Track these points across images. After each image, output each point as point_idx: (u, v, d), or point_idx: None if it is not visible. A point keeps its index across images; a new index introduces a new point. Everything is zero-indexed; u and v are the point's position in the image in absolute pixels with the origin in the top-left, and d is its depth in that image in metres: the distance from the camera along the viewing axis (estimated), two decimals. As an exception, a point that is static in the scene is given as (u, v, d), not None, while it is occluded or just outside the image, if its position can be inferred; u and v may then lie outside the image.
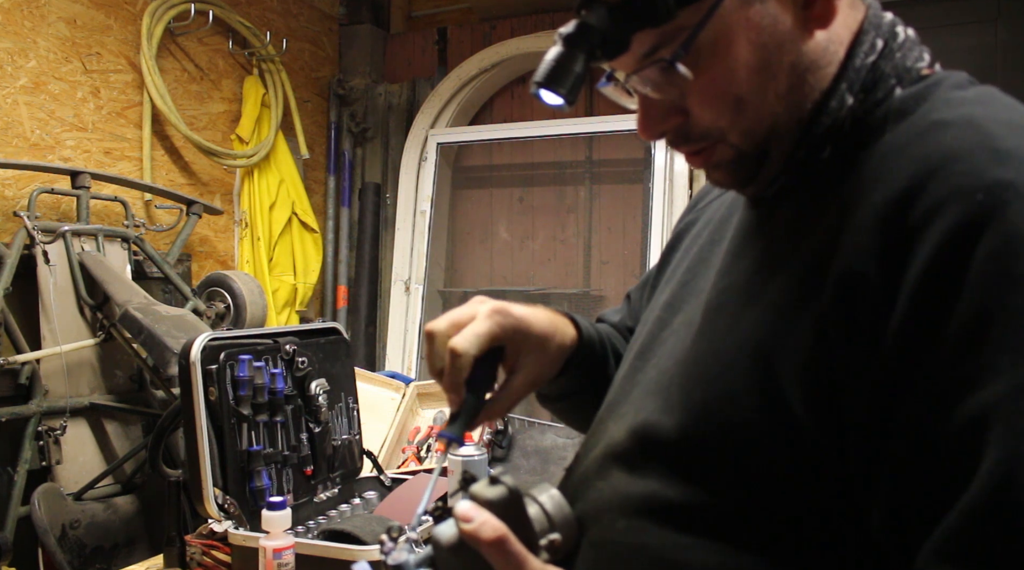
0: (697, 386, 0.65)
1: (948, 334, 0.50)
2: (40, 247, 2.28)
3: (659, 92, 0.64)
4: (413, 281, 3.57)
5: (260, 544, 1.20)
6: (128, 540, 2.30)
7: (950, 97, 0.61)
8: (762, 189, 0.68)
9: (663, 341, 0.74)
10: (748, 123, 0.63)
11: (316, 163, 3.75)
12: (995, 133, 0.54)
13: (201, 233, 3.16)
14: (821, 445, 0.56)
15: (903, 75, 0.63)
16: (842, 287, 0.55)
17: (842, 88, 0.63)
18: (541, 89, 0.65)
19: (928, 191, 0.53)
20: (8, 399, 2.21)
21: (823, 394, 0.55)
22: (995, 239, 0.49)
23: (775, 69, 0.62)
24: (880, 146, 0.60)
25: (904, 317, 0.51)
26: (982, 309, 0.49)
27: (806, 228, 0.62)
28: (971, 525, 0.47)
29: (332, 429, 1.60)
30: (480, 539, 0.55)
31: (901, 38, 0.65)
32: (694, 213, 0.88)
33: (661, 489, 0.64)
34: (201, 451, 1.34)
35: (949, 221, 0.51)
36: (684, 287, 0.77)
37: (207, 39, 3.16)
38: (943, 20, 2.96)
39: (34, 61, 2.52)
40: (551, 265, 3.57)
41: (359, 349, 3.66)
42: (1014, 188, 0.50)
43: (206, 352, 1.36)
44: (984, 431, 0.48)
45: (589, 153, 3.48)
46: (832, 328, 0.55)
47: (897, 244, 0.53)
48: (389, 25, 3.97)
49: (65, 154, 2.62)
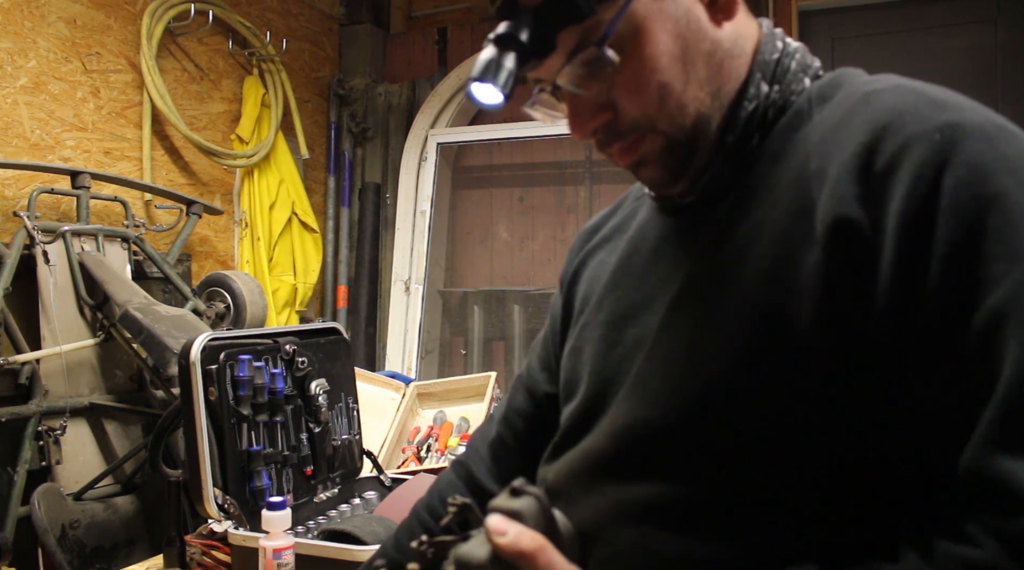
0: (686, 376, 0.64)
1: (939, 257, 0.54)
2: (40, 247, 2.28)
3: (587, 88, 0.67)
4: (413, 281, 3.57)
5: (260, 544, 1.20)
6: (128, 540, 2.30)
7: (863, 79, 0.68)
8: (691, 184, 0.70)
9: (620, 357, 0.73)
10: (673, 109, 0.66)
11: (316, 163, 3.75)
12: (925, 90, 0.62)
13: (201, 233, 3.16)
14: (846, 392, 0.57)
15: (807, 70, 0.70)
16: (834, 233, 0.58)
17: (757, 77, 0.68)
18: (475, 84, 0.67)
19: (888, 140, 0.58)
20: (8, 399, 2.21)
21: (840, 341, 0.57)
22: (959, 169, 0.55)
23: (694, 56, 0.66)
24: (814, 124, 0.65)
25: (896, 251, 0.56)
26: (966, 229, 0.54)
27: (759, 207, 0.65)
28: (1010, 412, 0.50)
29: (332, 429, 1.60)
30: (520, 551, 0.51)
31: (793, 45, 0.72)
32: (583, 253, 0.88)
33: (662, 490, 0.63)
34: (201, 451, 1.34)
35: (915, 160, 0.56)
36: (619, 302, 0.76)
37: (207, 39, 3.16)
38: (943, 20, 2.97)
39: (34, 61, 2.52)
40: (551, 265, 3.57)
41: (359, 349, 3.66)
42: (961, 127, 0.57)
43: (206, 352, 1.36)
44: (1000, 332, 0.52)
45: (589, 153, 3.48)
46: (835, 274, 0.58)
47: (872, 189, 0.58)
48: (389, 25, 3.97)
49: (65, 154, 2.62)
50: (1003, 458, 0.50)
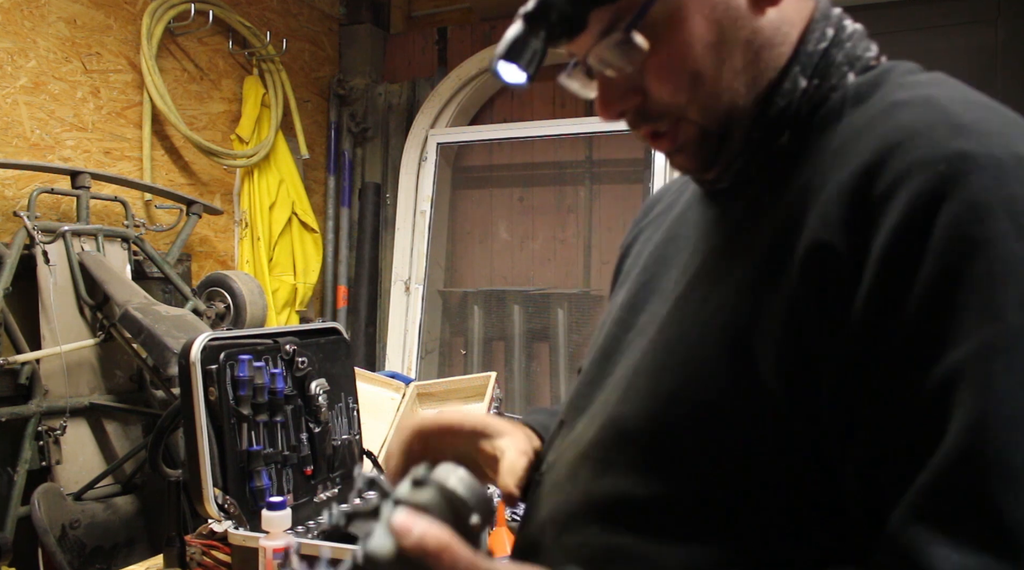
0: (665, 373, 0.64)
1: (913, 300, 0.51)
2: (40, 247, 2.28)
3: (617, 71, 0.64)
4: (413, 281, 3.57)
5: (260, 544, 1.20)
6: (128, 540, 2.30)
7: (904, 81, 0.63)
8: (723, 172, 0.68)
9: (629, 340, 0.73)
10: (706, 99, 0.64)
11: (316, 163, 3.75)
12: (952, 109, 0.56)
13: (201, 233, 3.16)
14: (796, 421, 0.56)
15: (854, 62, 0.65)
16: (810, 259, 0.56)
17: (795, 71, 0.64)
18: (500, 62, 0.65)
19: (891, 164, 0.54)
20: (8, 399, 2.21)
21: (797, 366, 0.56)
22: (957, 206, 0.50)
23: (731, 44, 0.63)
24: (839, 129, 0.61)
25: (871, 285, 0.52)
26: (946, 274, 0.50)
27: (770, 210, 0.63)
28: (943, 483, 0.48)
29: (332, 429, 1.60)
30: (425, 551, 0.49)
31: (850, 30, 0.66)
32: (642, 224, 0.88)
33: (629, 487, 0.63)
34: (201, 451, 1.34)
35: (912, 190, 0.52)
36: (643, 287, 0.76)
37: (207, 39, 3.15)
38: (943, 20, 2.96)
39: (34, 61, 2.52)
40: (551, 265, 3.57)
41: (359, 349, 3.66)
42: (974, 159, 0.51)
43: (206, 352, 1.36)
44: (953, 392, 0.48)
45: (589, 153, 3.48)
46: (802, 301, 0.56)
47: (862, 215, 0.54)
48: (389, 25, 3.97)
49: (65, 154, 2.62)
50: (919, 531, 0.48)
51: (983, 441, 0.47)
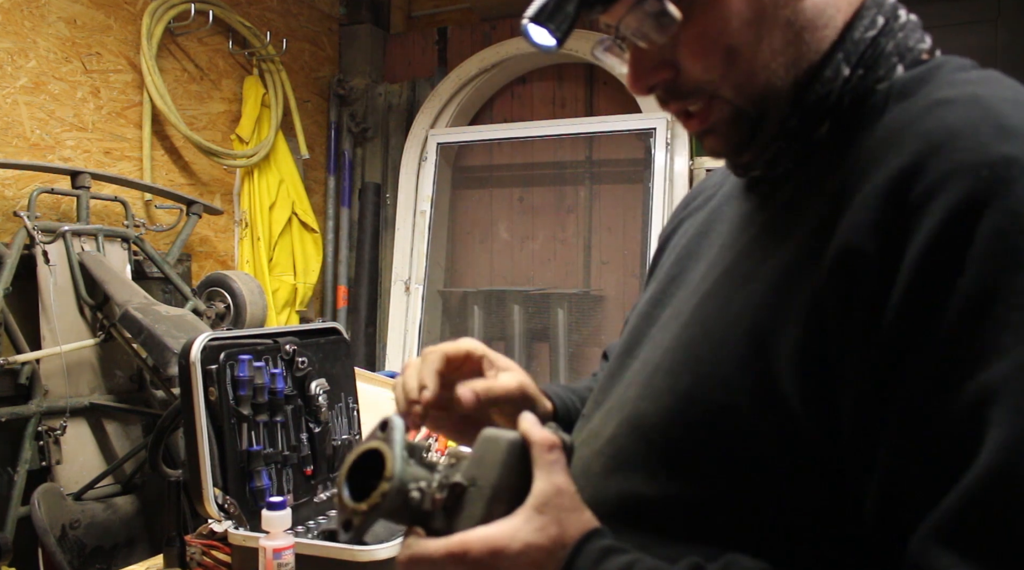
0: (685, 371, 0.63)
1: (950, 312, 0.48)
2: (40, 247, 2.28)
3: (649, 42, 0.62)
4: (413, 281, 3.57)
5: (260, 544, 1.20)
6: (128, 540, 2.30)
7: (953, 78, 0.60)
8: (756, 158, 0.66)
9: (651, 336, 0.72)
10: (741, 77, 0.61)
11: (316, 163, 3.75)
12: (1000, 110, 0.53)
13: (201, 233, 3.16)
14: (812, 428, 0.55)
15: (905, 54, 0.62)
16: (839, 263, 0.53)
17: (838, 58, 0.61)
18: (531, 24, 0.63)
19: (931, 167, 0.51)
20: (8, 399, 2.21)
21: (817, 374, 0.54)
22: (1000, 215, 0.48)
23: (770, 22, 0.60)
24: (881, 126, 0.59)
25: (904, 293, 0.50)
26: (985, 287, 0.47)
27: (804, 208, 0.60)
28: (972, 507, 0.46)
29: (332, 429, 1.60)
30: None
31: (903, 19, 0.64)
32: (681, 216, 0.86)
33: (638, 485, 0.63)
34: (201, 451, 1.34)
35: (953, 197, 0.49)
36: (672, 281, 0.75)
37: (207, 39, 3.15)
38: (943, 20, 2.96)
39: (34, 61, 2.52)
40: (551, 265, 3.57)
41: (359, 349, 3.66)
42: (1019, 165, 0.49)
43: (206, 352, 1.36)
44: (987, 411, 0.46)
45: (589, 153, 3.48)
46: (829, 305, 0.54)
47: (898, 220, 0.51)
48: (389, 25, 3.97)
49: (65, 154, 2.62)
50: (945, 553, 0.46)
51: (1016, 464, 0.45)
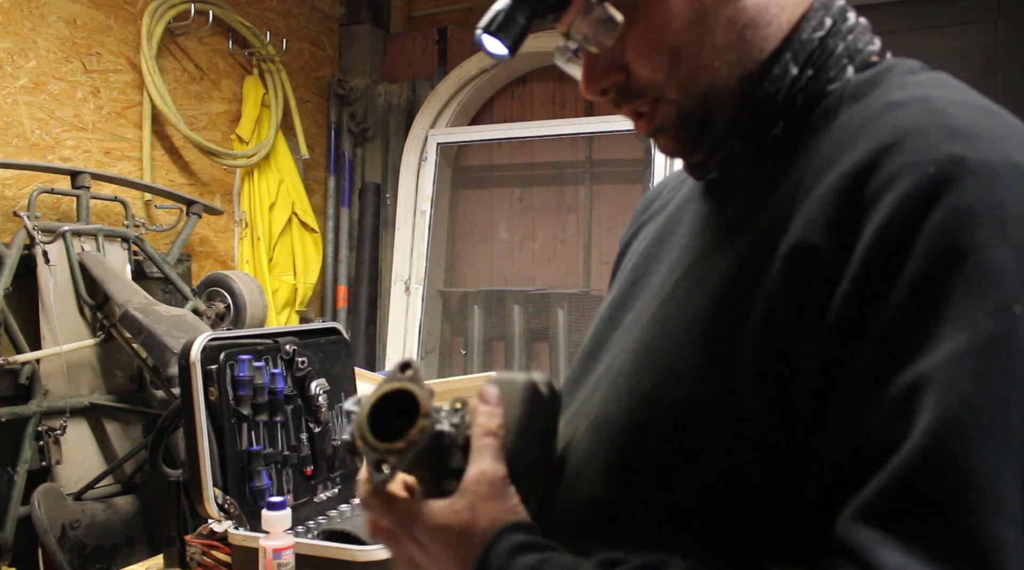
0: (646, 372, 0.64)
1: (891, 303, 0.50)
2: (40, 247, 2.28)
3: (598, 46, 0.64)
4: (413, 281, 3.57)
5: (260, 544, 1.20)
6: (128, 540, 2.30)
7: (904, 81, 0.61)
8: (710, 157, 0.67)
9: (614, 339, 0.73)
10: (685, 77, 0.63)
11: (316, 163, 3.75)
12: (949, 111, 0.55)
13: (201, 233, 3.16)
14: (768, 428, 0.55)
15: (855, 56, 0.63)
16: (793, 259, 0.55)
17: (786, 57, 0.63)
18: (484, 35, 0.65)
19: (882, 166, 0.53)
20: (8, 399, 2.21)
21: (772, 369, 0.55)
22: (944, 211, 0.50)
23: (711, 22, 0.62)
24: (835, 127, 0.60)
25: (851, 285, 0.52)
26: (926, 279, 0.49)
27: (760, 208, 0.62)
28: (897, 486, 0.47)
29: (332, 429, 1.60)
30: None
31: (852, 21, 0.65)
32: (641, 219, 0.87)
33: (599, 490, 0.63)
34: (201, 451, 1.34)
35: (899, 193, 0.51)
36: (633, 284, 0.76)
37: (207, 39, 3.15)
38: (943, 20, 2.97)
39: (34, 61, 2.52)
40: (551, 265, 3.57)
41: (359, 349, 3.66)
42: (965, 163, 0.51)
43: (206, 352, 1.36)
44: (919, 398, 0.48)
45: (589, 153, 3.48)
46: (781, 300, 0.55)
47: (849, 217, 0.53)
48: (389, 25, 3.97)
49: (65, 154, 2.62)
50: (869, 530, 0.48)
51: (942, 447, 0.46)
